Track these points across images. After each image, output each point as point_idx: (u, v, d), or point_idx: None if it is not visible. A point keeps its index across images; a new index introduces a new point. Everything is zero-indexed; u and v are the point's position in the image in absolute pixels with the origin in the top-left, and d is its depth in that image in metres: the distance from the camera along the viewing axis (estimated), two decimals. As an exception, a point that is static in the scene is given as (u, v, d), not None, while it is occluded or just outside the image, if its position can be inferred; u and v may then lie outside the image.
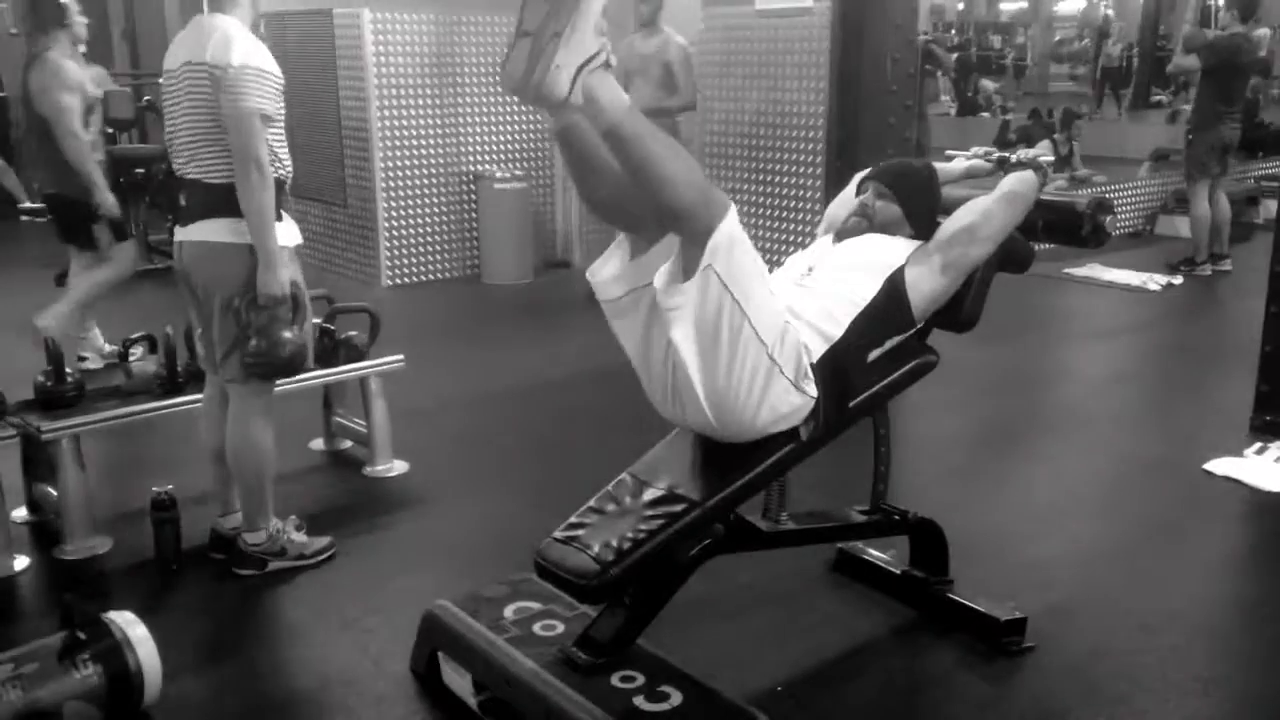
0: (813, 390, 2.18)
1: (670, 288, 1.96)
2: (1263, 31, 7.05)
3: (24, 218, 8.30)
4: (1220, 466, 3.82)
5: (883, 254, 2.46)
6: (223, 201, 2.85)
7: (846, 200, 2.75)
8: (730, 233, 1.93)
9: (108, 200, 4.65)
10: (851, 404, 2.34)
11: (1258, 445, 4.03)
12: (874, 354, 2.39)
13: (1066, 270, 7.03)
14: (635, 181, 1.92)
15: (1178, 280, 6.98)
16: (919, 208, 2.60)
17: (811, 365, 2.20)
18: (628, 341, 2.15)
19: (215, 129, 2.83)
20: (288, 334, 2.89)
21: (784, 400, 2.14)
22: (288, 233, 2.97)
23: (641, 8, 6.06)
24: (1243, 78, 7.11)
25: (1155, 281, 6.90)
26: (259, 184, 2.79)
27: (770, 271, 2.57)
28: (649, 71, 5.97)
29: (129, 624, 2.39)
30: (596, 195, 2.09)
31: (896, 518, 2.79)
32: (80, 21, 4.66)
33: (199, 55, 2.81)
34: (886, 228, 2.57)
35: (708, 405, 2.08)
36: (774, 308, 2.10)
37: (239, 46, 2.80)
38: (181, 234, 2.99)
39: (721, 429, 2.17)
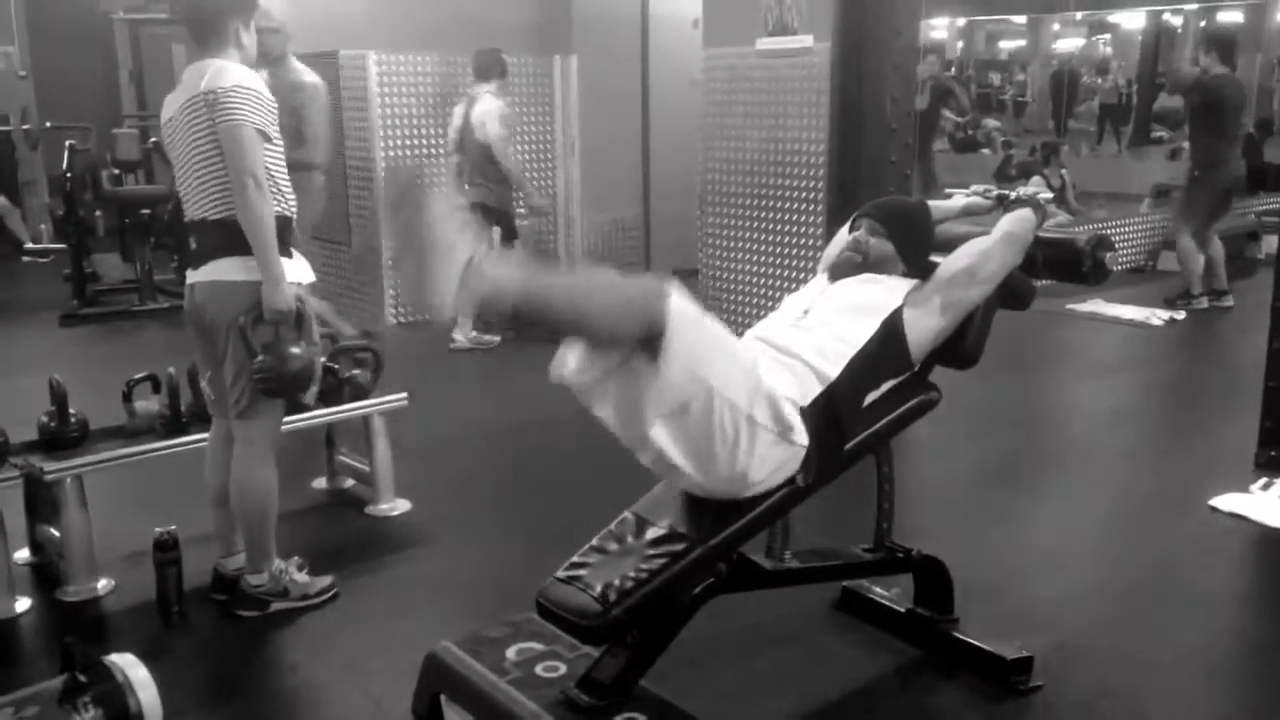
0: (802, 439, 2.19)
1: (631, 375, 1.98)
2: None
3: (25, 259, 8.39)
4: (1226, 503, 3.81)
5: (880, 295, 2.47)
6: (230, 239, 2.87)
7: (843, 239, 2.77)
8: (676, 318, 1.93)
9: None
10: (848, 446, 2.34)
11: (1263, 481, 4.01)
12: (871, 396, 2.40)
13: (1069, 306, 7.04)
14: (565, 333, 1.97)
15: (1181, 315, 6.98)
16: (912, 245, 2.61)
17: (802, 410, 2.21)
18: (608, 420, 2.12)
19: (218, 158, 2.85)
20: (295, 349, 2.90)
21: (772, 454, 2.16)
22: (299, 270, 2.99)
23: (255, 39, 4.58)
24: (1234, 115, 7.17)
25: (1158, 317, 6.90)
26: (256, 196, 2.81)
27: (769, 312, 2.60)
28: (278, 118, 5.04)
29: (130, 666, 2.37)
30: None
31: (900, 556, 2.78)
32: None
33: (194, 90, 2.86)
34: (880, 264, 2.58)
35: (697, 474, 2.11)
36: (742, 368, 2.11)
37: (232, 73, 2.86)
38: (192, 276, 3.01)
39: (719, 491, 2.20)
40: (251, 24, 3.00)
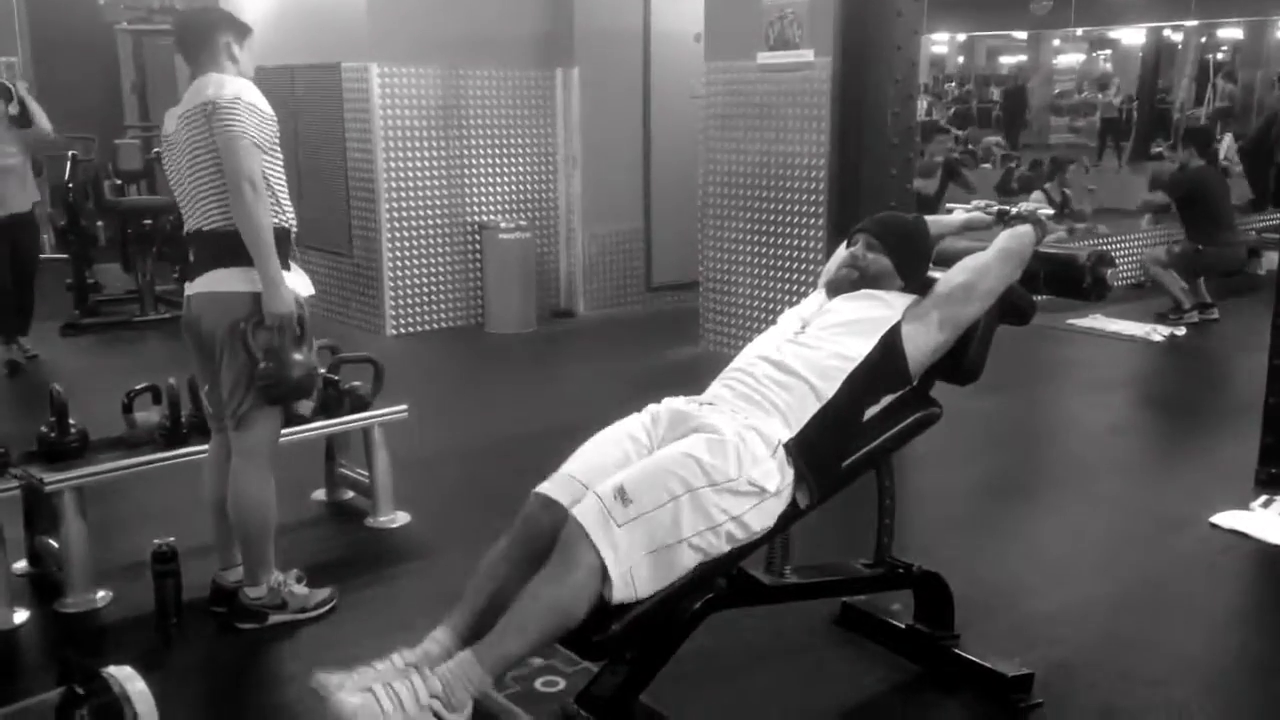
0: (776, 483, 2.21)
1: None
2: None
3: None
4: (1226, 520, 3.80)
5: (878, 310, 2.47)
6: (228, 250, 2.87)
7: (842, 254, 2.77)
8: (607, 555, 2.04)
9: None
10: (848, 461, 2.34)
11: (1263, 498, 4.00)
12: (870, 411, 2.40)
13: (1070, 321, 7.04)
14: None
15: (1181, 331, 6.98)
16: (909, 259, 2.62)
17: (785, 444, 2.24)
18: None
19: (215, 170, 2.86)
20: (297, 355, 2.90)
21: (764, 509, 2.20)
22: (298, 283, 2.99)
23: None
24: (1223, 201, 7.39)
25: (1159, 333, 6.90)
26: (253, 200, 2.81)
27: (768, 326, 2.60)
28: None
29: (128, 679, 2.36)
30: None
31: (901, 571, 2.77)
32: None
33: (195, 102, 2.89)
34: (877, 279, 2.58)
35: None
36: (690, 506, 2.12)
37: (231, 85, 2.89)
38: (190, 288, 3.01)
39: None
40: (245, 41, 3.01)
